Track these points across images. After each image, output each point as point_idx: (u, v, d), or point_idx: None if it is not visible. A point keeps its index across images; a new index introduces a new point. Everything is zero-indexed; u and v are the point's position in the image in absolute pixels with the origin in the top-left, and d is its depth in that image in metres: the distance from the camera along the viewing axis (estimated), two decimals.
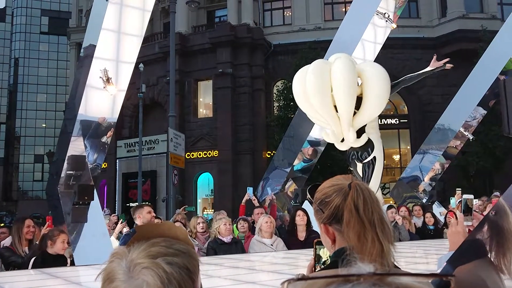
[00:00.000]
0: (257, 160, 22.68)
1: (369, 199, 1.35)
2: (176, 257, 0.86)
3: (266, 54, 24.33)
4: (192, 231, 6.52)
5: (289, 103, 19.53)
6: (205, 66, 23.69)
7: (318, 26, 24.20)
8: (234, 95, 23.19)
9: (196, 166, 23.34)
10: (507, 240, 1.57)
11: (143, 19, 5.77)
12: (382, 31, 7.19)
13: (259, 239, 6.02)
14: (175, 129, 15.45)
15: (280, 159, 9.12)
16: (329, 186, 1.45)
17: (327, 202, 1.42)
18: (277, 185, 8.67)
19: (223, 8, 26.05)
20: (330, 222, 1.40)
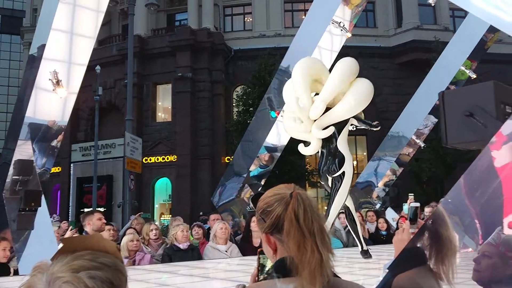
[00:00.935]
0: (216, 165, 22.59)
1: (310, 209, 1.35)
2: (100, 271, 0.83)
3: (226, 59, 24.34)
4: (145, 238, 6.39)
5: (248, 108, 19.59)
6: (164, 70, 23.45)
7: (278, 33, 24.42)
8: (193, 99, 23.04)
9: (153, 170, 23.01)
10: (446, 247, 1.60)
11: (96, 20, 5.63)
12: (338, 39, 7.31)
13: (213, 245, 5.96)
14: (132, 133, 15.18)
15: (237, 165, 9.09)
16: (271, 195, 1.44)
17: (268, 212, 1.41)
18: (233, 191, 8.63)
19: (183, 11, 25.89)
20: (272, 232, 1.40)
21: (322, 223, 1.36)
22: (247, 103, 19.87)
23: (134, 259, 5.47)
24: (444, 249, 1.67)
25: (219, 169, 21.66)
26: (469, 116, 2.46)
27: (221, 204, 8.86)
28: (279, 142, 8.41)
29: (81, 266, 0.82)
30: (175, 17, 26.92)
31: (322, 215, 1.40)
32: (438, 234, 1.69)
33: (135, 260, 5.47)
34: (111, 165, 23.47)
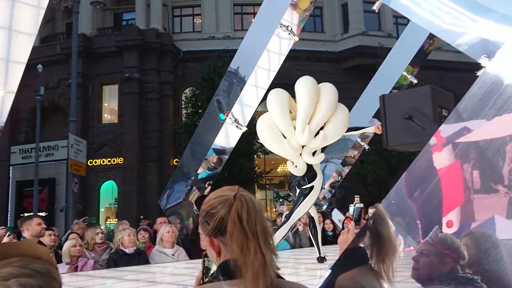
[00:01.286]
0: (164, 168, 22.27)
1: (253, 210, 1.35)
2: (31, 278, 0.79)
3: (175, 61, 24.08)
4: (89, 243, 6.19)
5: (197, 110, 19.47)
6: (110, 70, 22.89)
7: (227, 35, 24.43)
8: (141, 100, 22.63)
9: (99, 173, 22.39)
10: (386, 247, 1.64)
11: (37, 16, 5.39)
12: (286, 42, 7.39)
13: (160, 249, 5.87)
14: (76, 134, 14.71)
15: (185, 167, 8.99)
16: (215, 197, 1.43)
17: (212, 214, 1.40)
18: (181, 193, 8.52)
19: (131, 11, 25.38)
20: (215, 234, 1.39)
21: (265, 225, 1.36)
22: (196, 105, 19.74)
23: (76, 265, 5.28)
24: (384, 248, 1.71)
25: (167, 172, 21.36)
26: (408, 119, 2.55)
27: (168, 207, 8.73)
28: (227, 144, 8.38)
29: (10, 274, 0.78)
30: (122, 16, 26.34)
31: (265, 217, 1.40)
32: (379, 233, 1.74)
33: (78, 266, 5.28)
34: (53, 168, 22.65)
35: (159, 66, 23.34)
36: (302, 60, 23.05)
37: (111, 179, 22.81)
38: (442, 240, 2.16)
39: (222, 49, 21.21)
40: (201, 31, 25.16)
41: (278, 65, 7.62)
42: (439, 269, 2.30)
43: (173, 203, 8.72)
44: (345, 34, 24.94)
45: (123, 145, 22.20)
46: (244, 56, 7.93)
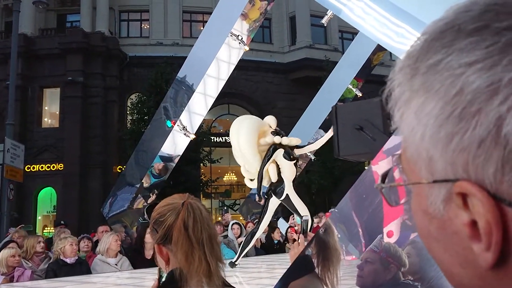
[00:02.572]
0: (108, 175, 21.66)
1: (200, 218, 1.35)
2: None
3: (122, 66, 23.59)
4: (29, 252, 5.91)
5: (143, 116, 19.12)
6: (52, 73, 22.07)
7: (176, 42, 24.23)
8: (84, 105, 21.96)
9: (37, 179, 21.43)
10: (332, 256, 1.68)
11: None
12: (236, 52, 7.44)
13: (102, 258, 5.70)
14: (13, 138, 14.04)
15: (130, 175, 8.80)
16: (164, 205, 1.43)
17: (161, 222, 1.40)
18: (125, 201, 8.33)
19: (75, 13, 24.62)
20: (164, 242, 1.38)
21: (212, 233, 1.37)
22: (142, 111, 19.38)
23: (12, 275, 5.02)
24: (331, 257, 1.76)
25: (111, 178, 20.80)
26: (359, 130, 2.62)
27: (111, 215, 8.51)
28: (174, 152, 8.30)
29: None
30: (67, 18, 25.50)
31: (212, 225, 1.40)
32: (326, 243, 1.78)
33: (14, 276, 5.03)
34: None
35: (104, 70, 22.76)
36: (250, 70, 23.22)
37: (50, 186, 21.91)
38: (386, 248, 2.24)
39: (170, 55, 21.00)
40: (148, 37, 24.81)
41: (228, 74, 7.66)
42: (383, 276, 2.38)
43: (117, 211, 8.51)
44: (292, 46, 25.40)
45: (64, 150, 21.41)
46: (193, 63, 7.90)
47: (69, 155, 21.18)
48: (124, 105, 23.36)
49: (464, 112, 0.38)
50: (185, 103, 7.79)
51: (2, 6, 24.70)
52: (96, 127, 22.03)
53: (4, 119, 17.52)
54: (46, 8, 20.95)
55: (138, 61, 23.48)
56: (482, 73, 0.37)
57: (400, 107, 0.44)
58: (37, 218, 22.23)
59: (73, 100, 21.78)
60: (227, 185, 25.23)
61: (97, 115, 22.17)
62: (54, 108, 23.34)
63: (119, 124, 22.77)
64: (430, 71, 0.41)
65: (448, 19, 0.41)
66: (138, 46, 24.26)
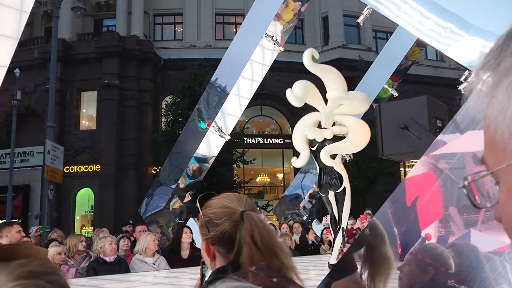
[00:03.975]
0: (142, 176, 22.06)
1: (263, 229, 1.34)
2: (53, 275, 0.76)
3: (156, 68, 23.97)
4: (72, 250, 6.10)
5: (177, 118, 19.36)
6: (89, 76, 22.64)
7: (209, 44, 24.46)
8: (120, 108, 22.42)
9: (75, 180, 22.03)
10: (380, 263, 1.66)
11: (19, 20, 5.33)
12: (270, 53, 7.46)
13: (140, 258, 5.81)
14: (53, 141, 14.46)
15: (165, 176, 8.94)
16: (221, 207, 1.42)
17: (215, 224, 1.40)
18: (161, 202, 8.47)
19: (111, 17, 25.21)
20: (214, 243, 1.39)
21: (277, 241, 1.36)
22: (176, 113, 19.64)
23: None
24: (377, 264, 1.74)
25: (145, 180, 21.18)
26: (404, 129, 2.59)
27: (148, 216, 8.66)
28: (209, 153, 8.38)
29: (35, 272, 0.75)
30: (103, 22, 26.14)
31: (274, 232, 1.40)
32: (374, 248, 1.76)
33: None
34: (28, 174, 22.20)
35: (139, 73, 23.19)
36: (282, 71, 23.20)
37: (88, 187, 22.47)
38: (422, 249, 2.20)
39: (203, 58, 21.22)
40: (182, 40, 25.13)
41: (262, 76, 7.69)
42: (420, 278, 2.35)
43: (153, 211, 8.66)
44: (325, 47, 25.24)
45: (101, 152, 21.92)
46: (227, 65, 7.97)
47: (105, 157, 21.67)
48: (159, 108, 23.72)
49: None
50: (219, 105, 7.86)
51: (42, 12, 25.52)
52: (131, 129, 22.45)
53: (44, 122, 18.08)
54: (83, 14, 21.54)
55: (172, 63, 23.81)
56: None
57: (486, 94, 0.45)
58: (76, 218, 22.83)
59: (109, 103, 22.28)
60: (259, 186, 25.28)
61: (132, 117, 22.59)
62: (91, 111, 23.92)
63: (153, 126, 23.14)
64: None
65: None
66: (172, 49, 24.62)
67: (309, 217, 10.76)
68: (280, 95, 25.02)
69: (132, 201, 20.25)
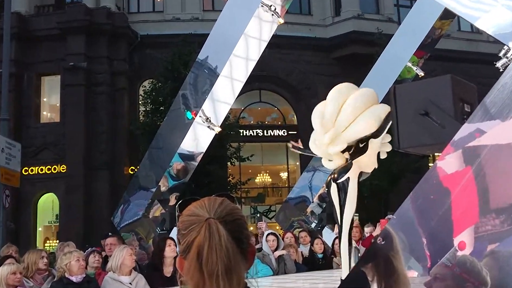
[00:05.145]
0: (117, 177, 22.07)
1: (217, 246, 1.34)
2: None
3: (131, 47, 23.91)
4: (31, 268, 6.09)
5: (158, 107, 19.35)
6: (51, 58, 22.59)
7: (195, 17, 24.39)
8: (88, 95, 22.38)
9: (36, 184, 22.02)
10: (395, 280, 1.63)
11: None
12: (268, 26, 7.41)
13: (114, 276, 5.80)
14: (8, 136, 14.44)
15: (144, 176, 8.92)
16: (189, 214, 1.44)
17: (183, 235, 1.42)
18: (139, 209, 8.46)
19: None
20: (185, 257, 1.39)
21: (232, 266, 1.34)
22: (157, 100, 19.62)
23: None
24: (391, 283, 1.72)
25: (121, 182, 21.17)
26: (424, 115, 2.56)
27: (124, 225, 8.65)
28: (196, 149, 8.36)
29: None
30: None
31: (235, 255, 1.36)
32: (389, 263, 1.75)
33: None
34: None
35: (111, 53, 23.12)
36: (284, 48, 23.14)
37: (51, 191, 22.46)
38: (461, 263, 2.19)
39: (189, 33, 21.15)
40: (163, 12, 25.04)
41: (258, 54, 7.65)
42: None
43: (130, 220, 8.64)
44: (336, 18, 25.17)
45: (66, 149, 21.90)
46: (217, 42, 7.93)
47: (72, 155, 21.65)
48: (136, 94, 23.69)
49: None
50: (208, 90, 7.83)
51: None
52: (103, 121, 22.42)
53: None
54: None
55: (151, 40, 23.74)
56: None
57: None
58: (38, 229, 22.83)
59: (76, 90, 22.23)
60: (259, 188, 25.30)
61: (104, 106, 22.55)
62: (54, 100, 23.88)
63: (130, 117, 23.11)
64: None
65: None
66: (150, 23, 24.54)
67: (318, 225, 10.75)
68: (283, 77, 25.04)
69: (105, 208, 20.25)
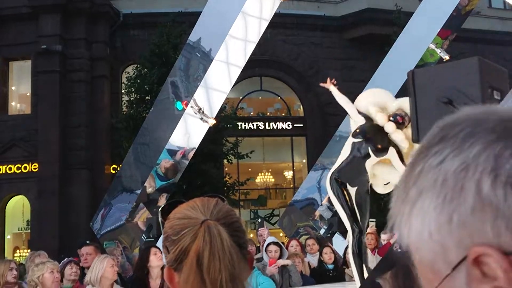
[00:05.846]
0: (97, 177, 22.10)
1: (219, 250, 1.34)
2: None
3: (113, 28, 23.90)
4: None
5: (144, 96, 19.35)
6: (20, 40, 22.57)
7: None
8: (64, 83, 22.38)
9: (4, 186, 22.06)
10: None
11: None
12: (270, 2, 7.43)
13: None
14: None
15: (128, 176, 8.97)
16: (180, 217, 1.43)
17: (173, 241, 1.40)
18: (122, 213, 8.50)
19: None
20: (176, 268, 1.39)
21: (235, 273, 1.35)
22: (142, 89, 19.61)
23: None
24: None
25: (102, 183, 21.20)
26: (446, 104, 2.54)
27: (104, 232, 8.69)
28: (187, 144, 8.39)
29: None
30: None
31: (238, 260, 1.37)
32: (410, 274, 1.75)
33: None
34: None
35: (89, 35, 23.10)
36: (289, 28, 23.15)
37: (22, 194, 22.48)
38: None
39: (179, 11, 21.14)
40: None
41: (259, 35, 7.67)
42: None
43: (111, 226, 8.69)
44: None
45: (39, 145, 21.90)
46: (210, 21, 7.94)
47: (45, 152, 21.64)
48: (118, 82, 23.67)
49: (453, 192, 0.63)
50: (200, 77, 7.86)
51: None
52: (80, 112, 22.42)
53: None
54: None
55: (135, 20, 23.73)
56: (454, 159, 0.65)
57: (405, 224, 0.69)
58: (6, 237, 22.88)
59: (49, 77, 22.22)
60: (260, 189, 25.32)
61: (82, 96, 22.55)
62: (24, 88, 23.86)
63: (111, 108, 23.12)
64: (418, 179, 0.68)
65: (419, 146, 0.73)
66: (134, 0, 24.52)
67: (328, 231, 10.78)
68: (287, 62, 25.00)
69: (83, 213, 20.27)
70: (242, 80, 18.63)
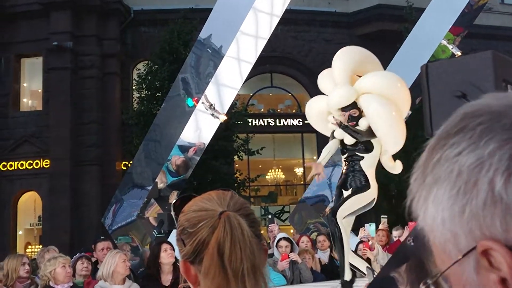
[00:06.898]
0: (108, 174, 22.16)
1: (240, 241, 1.35)
2: None
3: (124, 24, 23.93)
4: (11, 276, 6.17)
5: (155, 93, 19.37)
6: (32, 37, 22.63)
7: None
8: (75, 80, 22.45)
9: (16, 182, 22.18)
10: None
11: None
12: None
13: (106, 285, 5.85)
14: None
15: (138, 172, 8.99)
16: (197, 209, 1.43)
17: (190, 233, 1.40)
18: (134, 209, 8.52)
19: None
20: (192, 261, 1.39)
21: (256, 262, 1.35)
22: (153, 86, 19.64)
23: None
24: None
25: (113, 178, 21.27)
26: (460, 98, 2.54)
27: (116, 228, 8.72)
28: (198, 141, 8.40)
29: None
30: None
31: (259, 250, 1.38)
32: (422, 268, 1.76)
33: None
34: None
35: (100, 32, 23.15)
36: (300, 25, 23.09)
37: (33, 190, 22.58)
38: None
39: (189, 8, 21.15)
40: None
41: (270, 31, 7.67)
42: None
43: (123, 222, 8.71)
44: None
45: (50, 142, 21.98)
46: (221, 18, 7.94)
47: (56, 149, 21.72)
48: (129, 79, 23.73)
49: (467, 186, 0.67)
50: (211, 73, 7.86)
51: None
52: (91, 109, 22.48)
53: None
54: None
55: (146, 17, 23.75)
56: (470, 155, 0.68)
57: (421, 206, 0.75)
58: (18, 232, 23.00)
59: (61, 73, 22.29)
60: (271, 186, 25.31)
61: (93, 92, 22.60)
62: (36, 85, 23.95)
63: (122, 105, 23.17)
64: (435, 167, 0.73)
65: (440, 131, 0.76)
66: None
67: None
68: (298, 59, 24.96)
69: (93, 209, 20.37)
70: (252, 77, 18.61)
